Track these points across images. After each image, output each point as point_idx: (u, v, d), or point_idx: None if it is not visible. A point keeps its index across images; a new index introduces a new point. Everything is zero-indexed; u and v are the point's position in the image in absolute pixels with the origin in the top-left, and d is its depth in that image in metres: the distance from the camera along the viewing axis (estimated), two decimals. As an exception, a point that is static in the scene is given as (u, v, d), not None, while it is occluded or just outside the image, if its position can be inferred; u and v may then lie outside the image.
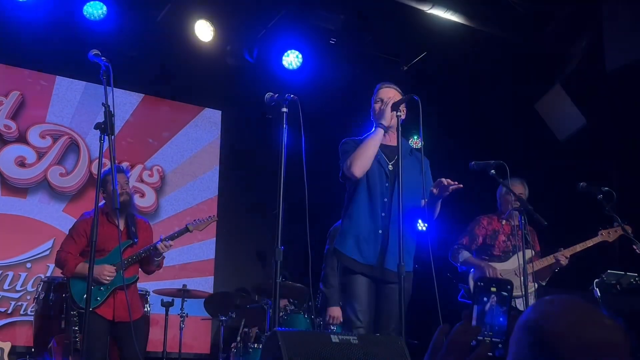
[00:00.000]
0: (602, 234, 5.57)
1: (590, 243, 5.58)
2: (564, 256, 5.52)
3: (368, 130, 4.23)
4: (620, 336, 1.22)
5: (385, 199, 4.03)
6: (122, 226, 5.08)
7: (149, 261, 5.22)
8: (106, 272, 4.88)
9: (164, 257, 5.31)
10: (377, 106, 4.20)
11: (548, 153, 7.49)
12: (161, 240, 5.12)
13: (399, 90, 4.30)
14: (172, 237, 5.21)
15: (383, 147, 4.16)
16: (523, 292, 4.90)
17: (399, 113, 4.08)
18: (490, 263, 5.62)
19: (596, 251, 5.69)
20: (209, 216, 5.65)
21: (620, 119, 6.88)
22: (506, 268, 5.57)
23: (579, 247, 5.57)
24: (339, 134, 4.69)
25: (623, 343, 1.21)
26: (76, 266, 4.94)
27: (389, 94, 4.21)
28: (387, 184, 4.07)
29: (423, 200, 4.04)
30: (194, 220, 5.53)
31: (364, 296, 3.97)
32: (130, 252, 5.08)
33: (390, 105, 4.07)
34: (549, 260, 5.56)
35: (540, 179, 6.55)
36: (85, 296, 4.73)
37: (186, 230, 5.39)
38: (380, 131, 4.08)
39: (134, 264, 5.14)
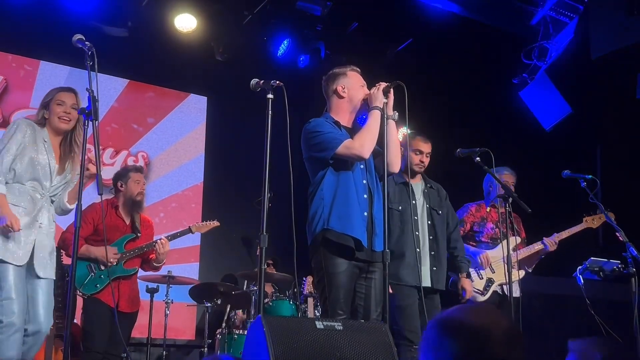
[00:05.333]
0: (586, 221, 5.70)
1: (575, 230, 5.69)
2: (553, 241, 5.57)
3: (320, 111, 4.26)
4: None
5: (365, 181, 4.03)
6: (127, 221, 5.37)
7: (148, 263, 5.48)
8: (111, 254, 5.09)
9: (163, 263, 5.53)
10: (364, 89, 4.19)
11: (533, 141, 7.51)
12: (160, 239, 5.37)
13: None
14: (174, 236, 5.49)
15: (353, 130, 4.15)
16: (507, 280, 4.91)
17: (385, 99, 4.08)
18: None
19: (580, 238, 5.75)
20: (213, 220, 5.93)
21: (605, 107, 6.91)
22: (494, 255, 5.60)
23: (564, 234, 5.68)
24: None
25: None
26: (80, 247, 5.00)
27: (361, 77, 4.24)
28: (362, 166, 4.06)
29: None
30: (197, 222, 5.86)
31: (348, 285, 3.91)
32: (132, 246, 5.32)
33: (381, 89, 4.06)
34: (536, 247, 5.61)
35: (525, 167, 6.57)
36: (85, 282, 5.08)
37: (188, 231, 5.69)
38: (379, 114, 4.04)
39: (135, 258, 5.35)
